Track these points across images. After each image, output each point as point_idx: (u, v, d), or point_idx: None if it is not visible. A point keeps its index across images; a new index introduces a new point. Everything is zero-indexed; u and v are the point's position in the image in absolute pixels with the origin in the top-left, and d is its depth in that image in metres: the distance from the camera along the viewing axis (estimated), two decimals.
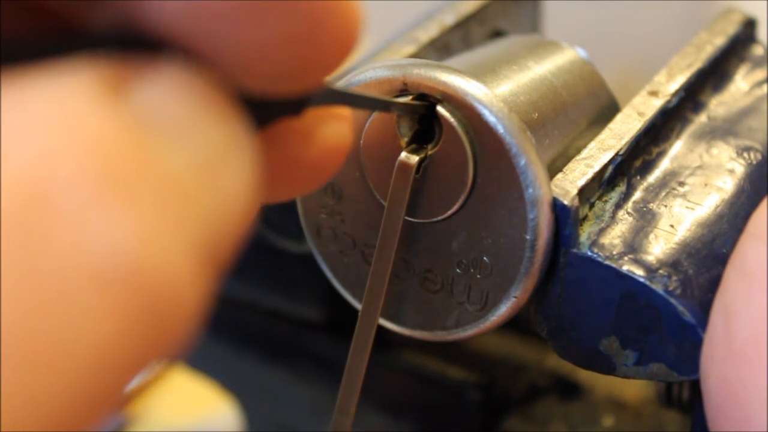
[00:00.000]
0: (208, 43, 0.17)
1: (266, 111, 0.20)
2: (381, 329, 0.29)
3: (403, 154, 0.27)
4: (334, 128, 0.22)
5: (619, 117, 0.30)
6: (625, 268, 0.26)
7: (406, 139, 0.28)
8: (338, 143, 0.22)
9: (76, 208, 0.15)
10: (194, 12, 0.17)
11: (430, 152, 0.27)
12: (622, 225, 0.28)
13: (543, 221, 0.26)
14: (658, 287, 0.26)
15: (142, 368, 0.16)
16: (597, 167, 0.28)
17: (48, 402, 0.15)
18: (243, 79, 0.18)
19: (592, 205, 0.28)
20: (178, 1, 0.17)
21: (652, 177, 0.29)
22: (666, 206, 0.28)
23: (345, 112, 0.23)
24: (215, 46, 0.17)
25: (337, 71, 0.20)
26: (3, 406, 0.14)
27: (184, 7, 0.17)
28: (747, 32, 0.35)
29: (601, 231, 0.27)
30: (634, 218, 0.28)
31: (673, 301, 0.26)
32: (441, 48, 0.34)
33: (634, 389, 0.38)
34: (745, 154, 0.30)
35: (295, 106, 0.21)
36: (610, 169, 0.28)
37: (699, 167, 0.30)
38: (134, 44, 0.17)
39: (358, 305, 0.30)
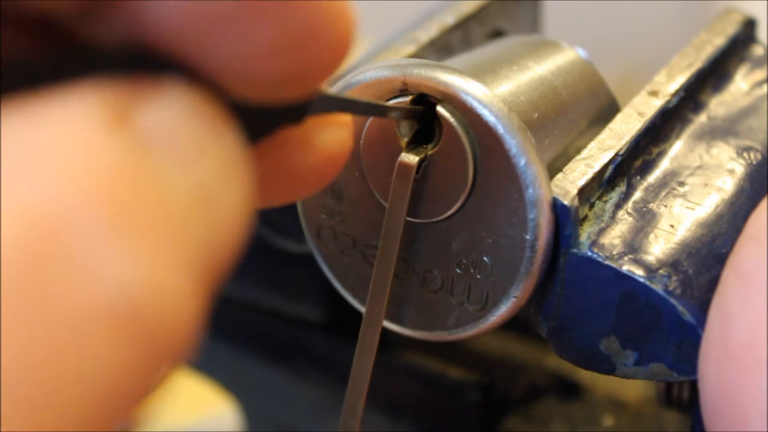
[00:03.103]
0: (206, 49, 0.18)
1: (265, 120, 0.20)
2: (381, 329, 0.29)
3: (403, 155, 0.27)
4: (334, 134, 0.23)
5: (619, 117, 0.30)
6: (625, 268, 0.26)
7: (406, 140, 0.28)
8: (338, 149, 0.23)
9: (88, 247, 0.15)
10: (193, 17, 0.17)
11: (430, 152, 0.27)
12: (622, 225, 0.28)
13: (543, 221, 0.26)
14: (658, 287, 0.26)
15: (148, 393, 0.17)
16: (597, 167, 0.28)
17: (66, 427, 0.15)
18: (241, 88, 0.18)
19: (592, 205, 0.28)
20: (178, 2, 0.17)
21: (652, 177, 0.29)
22: (666, 206, 0.28)
23: (345, 117, 0.23)
24: (214, 52, 0.18)
25: (334, 74, 0.20)
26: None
27: (182, 12, 0.17)
28: (747, 32, 0.35)
29: (601, 231, 0.27)
30: (634, 218, 0.28)
31: (673, 301, 0.26)
32: (441, 48, 0.34)
33: (634, 389, 0.38)
34: (745, 154, 0.30)
35: (294, 114, 0.21)
36: (610, 169, 0.28)
37: (699, 167, 0.30)
38: (136, 63, 0.17)
39: (358, 305, 0.30)
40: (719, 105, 0.32)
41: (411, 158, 0.27)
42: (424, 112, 0.27)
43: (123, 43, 0.17)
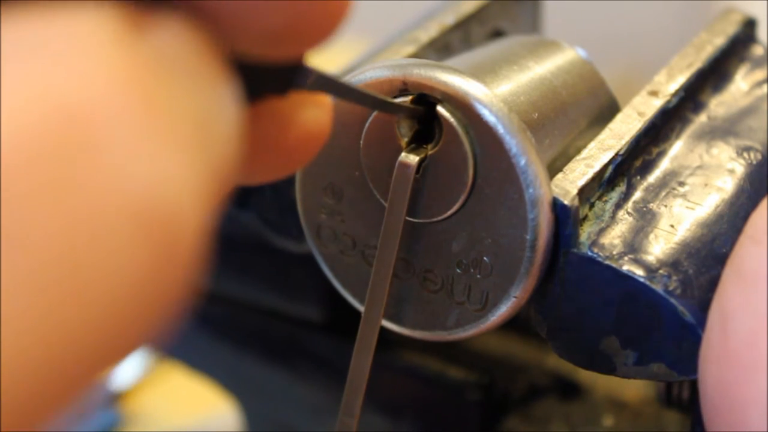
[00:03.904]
0: None
1: (254, 81, 0.20)
2: (381, 329, 0.29)
3: (403, 154, 0.27)
4: (314, 114, 0.22)
5: (619, 117, 0.30)
6: (625, 268, 0.26)
7: (406, 139, 0.28)
8: (316, 129, 0.23)
9: (116, 139, 0.15)
10: None
11: (430, 152, 0.27)
12: (622, 225, 0.28)
13: (543, 221, 0.26)
14: (658, 287, 0.26)
15: (163, 305, 0.16)
16: (597, 167, 0.28)
17: (86, 328, 0.15)
18: (235, 39, 0.18)
19: (592, 205, 0.28)
20: None
21: (652, 177, 0.29)
22: (666, 206, 0.28)
23: (325, 99, 0.23)
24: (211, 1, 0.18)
25: (328, 39, 0.20)
26: (50, 326, 0.14)
27: None
28: (747, 32, 0.35)
29: (601, 231, 0.27)
30: (634, 218, 0.28)
31: (673, 301, 0.26)
32: (441, 48, 0.34)
33: (634, 389, 0.38)
34: (745, 154, 0.30)
35: (280, 82, 0.21)
36: (610, 169, 0.28)
37: (699, 167, 0.30)
38: None
39: (358, 305, 0.30)
40: (719, 105, 0.32)
41: (411, 158, 0.27)
42: (423, 111, 0.27)
43: None
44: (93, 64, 0.15)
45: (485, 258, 0.27)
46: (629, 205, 0.28)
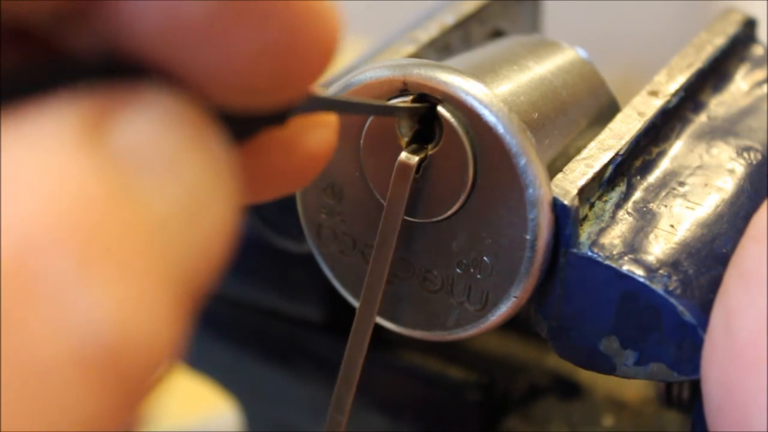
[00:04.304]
0: (187, 58, 0.17)
1: (248, 124, 0.20)
2: (381, 329, 0.29)
3: (403, 154, 0.27)
4: (318, 135, 0.22)
5: (619, 117, 0.30)
6: (625, 268, 0.26)
7: (406, 139, 0.28)
8: (321, 150, 0.22)
9: (56, 280, 0.14)
10: (169, 22, 0.16)
11: (430, 152, 0.27)
12: (622, 225, 0.28)
13: (543, 221, 0.26)
14: (658, 287, 0.26)
15: (124, 428, 0.16)
16: (597, 167, 0.28)
17: None
18: (223, 95, 0.18)
19: (592, 205, 0.28)
20: (154, 5, 0.16)
21: (652, 177, 0.29)
22: (666, 206, 0.28)
23: (330, 118, 0.22)
24: (194, 61, 0.17)
25: (319, 79, 0.19)
26: None
27: (158, 18, 0.16)
28: (747, 32, 0.35)
29: (601, 231, 0.27)
30: (634, 218, 0.28)
31: (673, 301, 0.26)
32: (441, 48, 0.34)
33: (634, 389, 0.38)
34: (745, 154, 0.30)
35: (278, 117, 0.21)
36: (610, 169, 0.28)
37: (699, 167, 0.30)
38: (113, 71, 0.16)
39: (357, 305, 0.30)
40: (719, 105, 0.32)
41: (411, 158, 0.27)
42: (425, 111, 0.27)
43: (99, 51, 0.17)
44: (40, 192, 0.14)
45: (485, 258, 0.27)
46: (629, 205, 0.28)
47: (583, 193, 0.27)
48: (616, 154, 0.28)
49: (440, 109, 0.27)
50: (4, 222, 0.14)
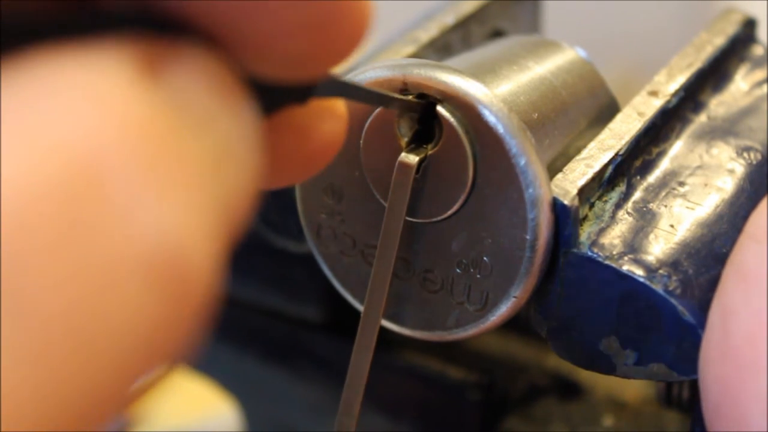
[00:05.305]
0: (225, 25, 0.18)
1: (274, 97, 0.20)
2: (381, 329, 0.29)
3: (403, 154, 0.27)
4: (331, 125, 0.23)
5: (619, 117, 0.30)
6: (625, 268, 0.26)
7: (406, 139, 0.28)
8: (333, 139, 0.23)
9: (126, 189, 0.15)
10: None
11: (430, 152, 0.27)
12: (622, 225, 0.28)
13: (543, 221, 0.26)
14: (658, 287, 0.26)
15: (174, 350, 0.16)
16: (597, 167, 0.28)
17: (91, 385, 0.15)
18: (255, 64, 0.18)
19: (592, 205, 0.28)
20: None
21: (652, 177, 0.29)
22: (666, 206, 0.28)
23: (341, 110, 0.23)
24: (232, 29, 0.18)
25: (348, 60, 0.20)
26: (52, 389, 0.14)
27: None
28: (747, 32, 0.35)
29: (601, 231, 0.27)
30: (634, 218, 0.28)
31: (673, 301, 0.26)
32: (441, 48, 0.34)
33: (634, 389, 0.38)
34: (745, 154, 0.30)
35: (302, 93, 0.21)
36: (610, 169, 0.28)
37: (699, 167, 0.30)
38: (156, 26, 0.17)
39: (358, 305, 0.30)
40: (719, 105, 0.32)
41: (411, 158, 0.27)
42: (424, 108, 0.27)
43: (140, 8, 0.17)
44: (105, 112, 0.15)
45: (485, 258, 0.27)
46: (629, 205, 0.28)
47: (583, 193, 0.27)
48: (616, 154, 0.28)
49: (440, 108, 0.27)
50: (83, 131, 0.15)
